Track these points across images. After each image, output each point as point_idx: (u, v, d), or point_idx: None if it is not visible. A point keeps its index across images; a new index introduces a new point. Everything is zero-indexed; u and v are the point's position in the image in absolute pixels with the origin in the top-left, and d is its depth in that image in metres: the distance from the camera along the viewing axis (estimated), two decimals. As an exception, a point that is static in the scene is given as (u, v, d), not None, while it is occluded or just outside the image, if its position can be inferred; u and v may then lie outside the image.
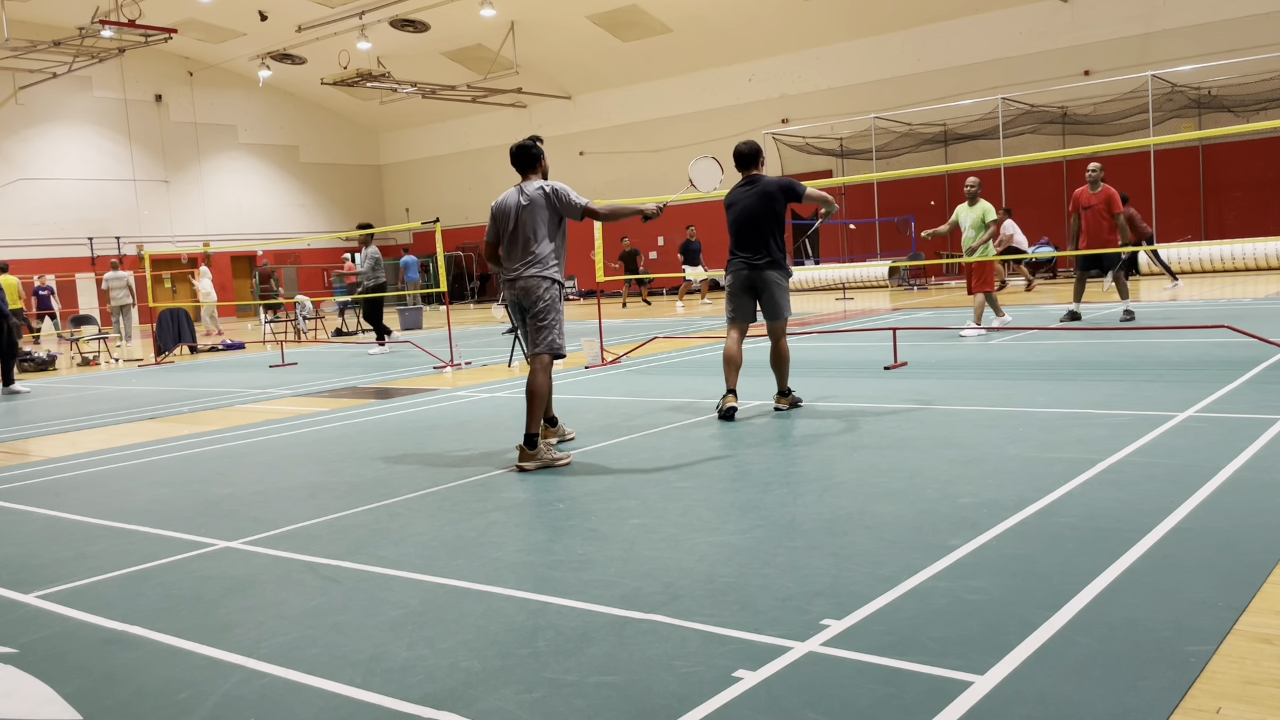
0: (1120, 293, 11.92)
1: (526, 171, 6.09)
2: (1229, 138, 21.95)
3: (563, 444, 6.34)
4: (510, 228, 5.96)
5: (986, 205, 11.15)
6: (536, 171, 6.09)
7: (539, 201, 5.91)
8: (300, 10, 29.56)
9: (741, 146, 7.19)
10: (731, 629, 3.03)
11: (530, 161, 6.08)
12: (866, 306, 18.47)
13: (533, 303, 5.91)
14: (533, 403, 5.77)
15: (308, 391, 10.69)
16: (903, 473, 4.91)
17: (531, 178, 6.06)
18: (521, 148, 6.10)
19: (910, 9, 26.89)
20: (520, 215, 5.93)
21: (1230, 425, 5.51)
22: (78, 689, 2.95)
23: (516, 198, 5.98)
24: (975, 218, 11.05)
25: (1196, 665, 2.59)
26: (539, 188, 5.95)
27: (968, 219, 11.11)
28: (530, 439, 5.70)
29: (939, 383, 7.96)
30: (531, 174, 6.08)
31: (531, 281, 5.88)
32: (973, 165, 11.57)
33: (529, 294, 5.90)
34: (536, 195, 5.92)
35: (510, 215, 5.97)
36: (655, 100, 33.34)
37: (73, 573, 4.18)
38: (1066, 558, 3.47)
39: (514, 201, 5.97)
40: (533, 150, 6.09)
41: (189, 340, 18.59)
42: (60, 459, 7.26)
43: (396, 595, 3.59)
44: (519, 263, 5.93)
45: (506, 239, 6.00)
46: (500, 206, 6.04)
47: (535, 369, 5.88)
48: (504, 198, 6.05)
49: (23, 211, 32.07)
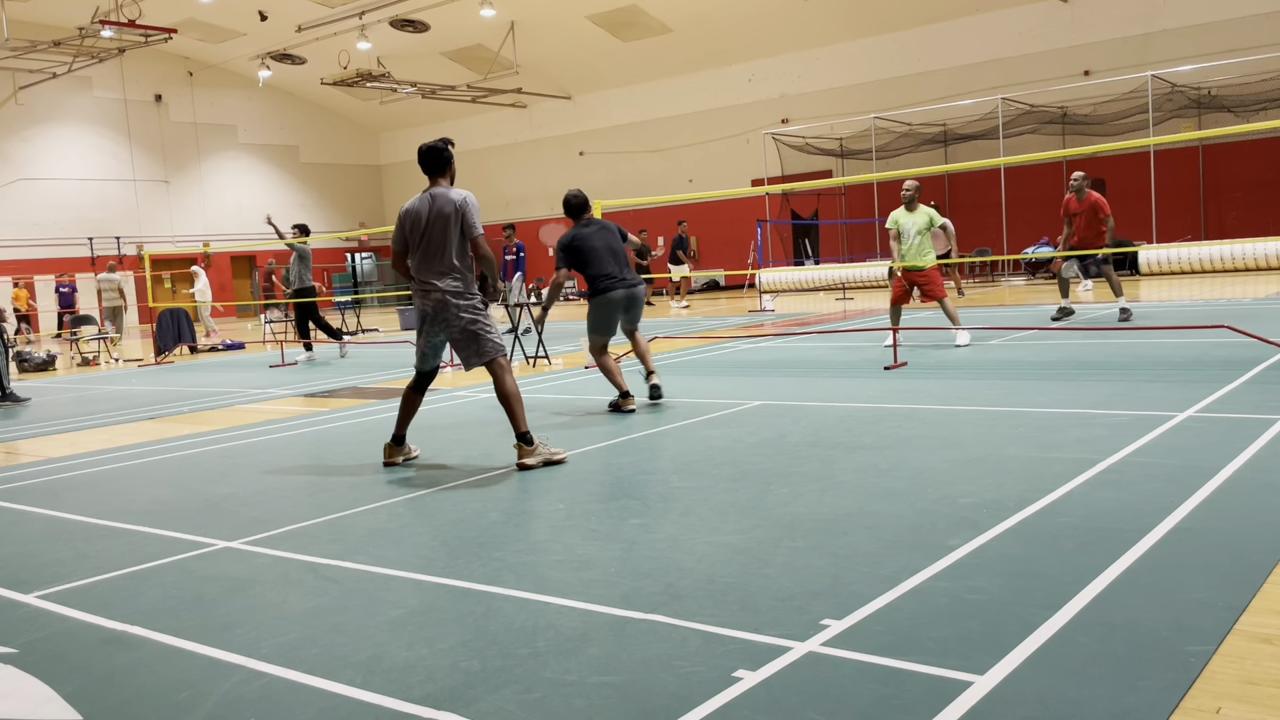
0: (1114, 290, 11.92)
1: (435, 175, 5.84)
2: (1229, 138, 21.94)
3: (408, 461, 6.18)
4: (419, 238, 5.77)
5: (930, 209, 10.46)
6: (445, 176, 5.87)
7: (447, 213, 5.71)
8: (300, 10, 29.56)
9: (575, 197, 7.78)
10: (731, 629, 3.03)
11: (441, 165, 5.85)
12: (866, 306, 18.46)
13: (453, 317, 5.75)
14: (511, 404, 5.71)
15: (308, 391, 10.69)
16: (903, 473, 4.91)
17: (440, 182, 5.85)
18: (433, 149, 5.83)
19: (910, 9, 26.89)
20: (429, 227, 5.73)
21: (1230, 425, 5.51)
22: (78, 689, 2.95)
23: (428, 204, 5.76)
24: (921, 223, 10.32)
25: (1196, 665, 2.59)
26: (449, 199, 5.73)
27: (911, 225, 10.33)
28: (523, 436, 5.68)
29: (939, 383, 7.96)
30: (440, 178, 5.86)
31: (449, 297, 5.73)
32: (973, 165, 11.55)
33: (445, 309, 5.74)
34: (446, 205, 5.72)
35: (421, 223, 5.76)
36: (655, 100, 33.34)
37: (73, 573, 4.18)
38: (1066, 558, 3.47)
39: (424, 210, 5.76)
40: (445, 153, 5.86)
41: (189, 340, 18.60)
42: (60, 459, 7.26)
43: (396, 595, 3.59)
44: (433, 275, 5.76)
45: (419, 250, 5.79)
46: (410, 213, 5.81)
47: (498, 374, 5.77)
48: (413, 204, 5.81)
49: (23, 211, 32.07)
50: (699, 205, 26.77)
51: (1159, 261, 21.31)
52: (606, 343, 7.77)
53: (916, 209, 10.44)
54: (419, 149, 5.90)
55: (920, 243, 10.36)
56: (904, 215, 10.44)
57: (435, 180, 5.85)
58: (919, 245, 10.36)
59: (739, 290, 28.77)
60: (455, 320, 5.77)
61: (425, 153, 5.85)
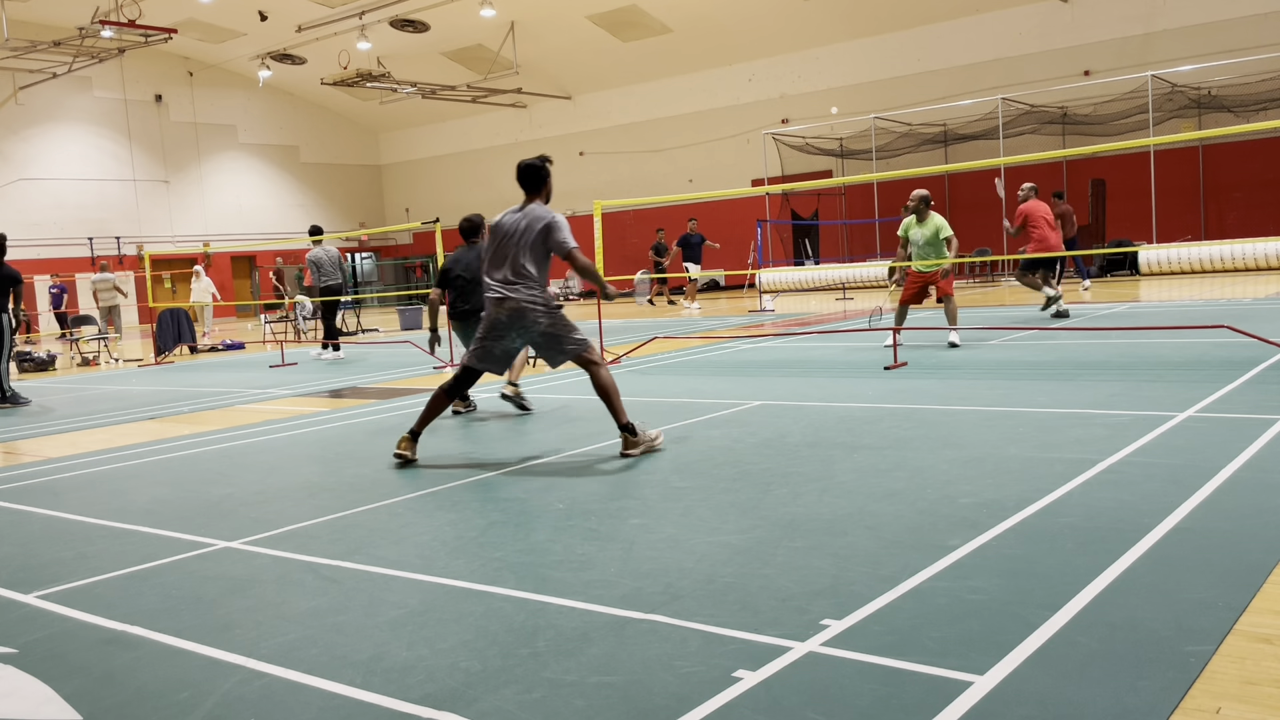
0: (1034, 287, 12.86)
1: (532, 192, 5.99)
2: (1229, 138, 21.94)
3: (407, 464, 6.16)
4: (498, 249, 5.93)
5: (940, 220, 10.39)
6: (541, 194, 6.01)
7: (537, 229, 5.86)
8: (300, 10, 29.56)
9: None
10: (731, 629, 3.03)
11: (539, 183, 5.99)
12: (866, 306, 18.46)
13: (531, 323, 5.87)
14: (609, 396, 5.82)
15: (308, 391, 10.69)
16: (903, 473, 4.91)
17: (535, 199, 5.99)
18: (531, 166, 5.99)
19: (910, 9, 26.89)
20: (514, 239, 5.88)
21: (1230, 425, 5.51)
22: (78, 689, 2.95)
23: (517, 221, 5.92)
24: (929, 234, 10.32)
25: (1196, 665, 2.59)
26: (539, 218, 5.88)
27: (919, 235, 10.38)
28: (626, 428, 5.79)
29: (939, 383, 7.95)
30: (536, 195, 6.00)
31: (525, 304, 5.85)
32: (973, 165, 11.53)
33: (523, 316, 5.86)
34: (536, 224, 5.87)
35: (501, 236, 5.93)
36: (655, 100, 33.35)
37: (73, 573, 4.18)
38: (1066, 558, 3.47)
39: (510, 224, 5.93)
40: (542, 171, 6.00)
41: (189, 340, 18.59)
42: (60, 459, 7.26)
43: (396, 595, 3.59)
44: (507, 284, 5.88)
45: (496, 259, 5.94)
46: (501, 226, 5.98)
47: (590, 370, 5.91)
48: (506, 217, 5.99)
49: (23, 211, 32.06)
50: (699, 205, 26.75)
51: (1159, 261, 21.31)
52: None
53: (926, 219, 10.42)
54: (519, 166, 6.03)
55: (930, 252, 10.42)
56: (914, 227, 10.49)
57: (531, 197, 6.00)
58: (928, 254, 10.43)
59: (739, 290, 28.77)
60: (534, 325, 5.90)
61: (524, 170, 6.00)
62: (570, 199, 35.45)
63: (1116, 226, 24.70)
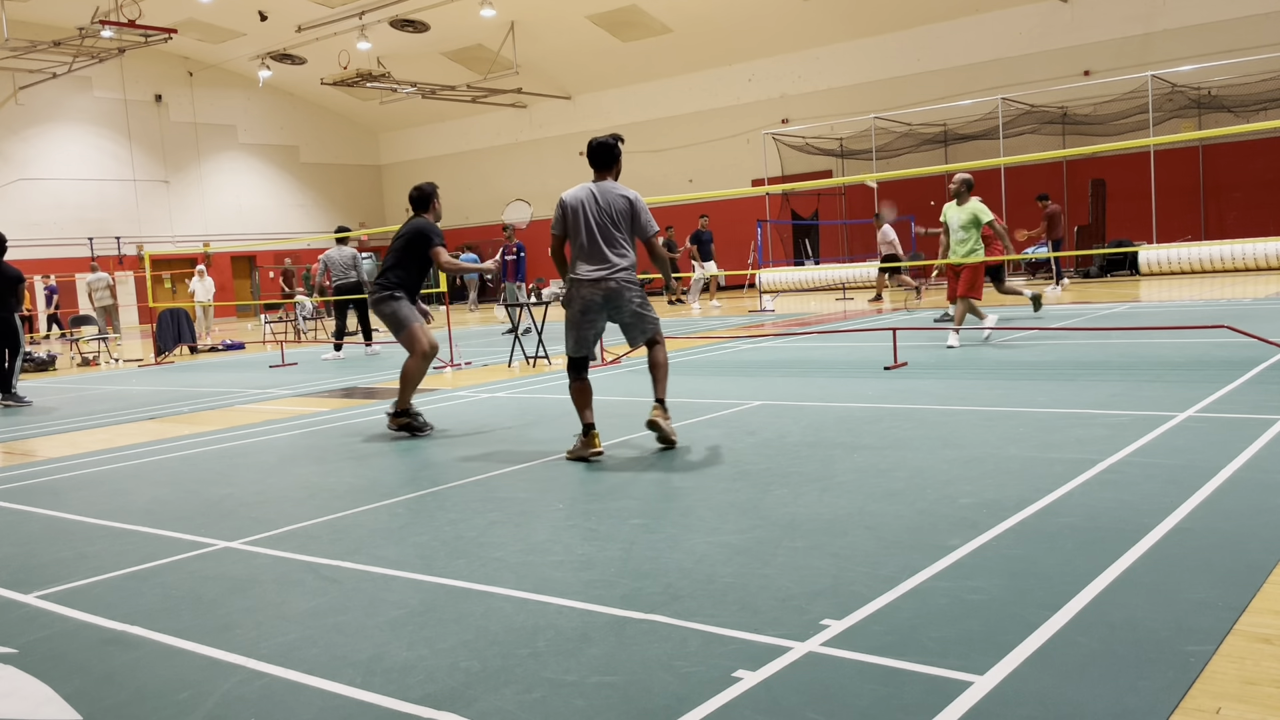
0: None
1: (603, 170, 6.01)
2: (1229, 138, 21.95)
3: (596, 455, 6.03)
4: (585, 229, 5.89)
5: (978, 204, 10.28)
6: (612, 171, 6.05)
7: (620, 208, 5.90)
8: (300, 10, 29.56)
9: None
10: (731, 629, 3.03)
11: (610, 160, 6.02)
12: (866, 306, 18.47)
13: (625, 302, 5.92)
14: (659, 372, 5.98)
15: (308, 391, 10.69)
16: (903, 473, 4.91)
17: (606, 176, 6.02)
18: (603, 144, 6.00)
19: (910, 9, 26.89)
20: (598, 218, 5.88)
21: (1230, 425, 5.51)
22: (78, 689, 2.95)
23: (593, 197, 5.90)
24: (965, 218, 10.24)
25: (1196, 665, 2.59)
26: (622, 195, 5.92)
27: (955, 219, 10.31)
28: (662, 401, 5.94)
29: (939, 383, 7.95)
30: (607, 173, 6.03)
31: (623, 285, 5.90)
32: (973, 165, 11.52)
33: (619, 295, 5.89)
34: (618, 201, 5.90)
35: (582, 216, 5.89)
36: (655, 100, 33.35)
37: (73, 573, 4.18)
38: (1066, 558, 3.47)
39: (589, 202, 5.90)
40: (614, 149, 6.04)
41: (189, 340, 18.59)
42: (60, 459, 7.26)
43: (396, 595, 3.59)
44: (605, 264, 5.88)
45: (584, 240, 5.90)
46: (572, 203, 5.92)
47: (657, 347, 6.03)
48: (576, 194, 5.94)
49: (23, 211, 32.06)
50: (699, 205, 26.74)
51: (1159, 261, 21.31)
52: None
53: (966, 203, 10.37)
54: (589, 143, 6.06)
55: (965, 238, 10.28)
56: (951, 209, 10.48)
57: (601, 174, 6.02)
58: (963, 240, 10.30)
59: (739, 290, 28.77)
60: (627, 305, 5.95)
61: (595, 148, 6.02)
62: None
63: (1116, 226, 24.71)
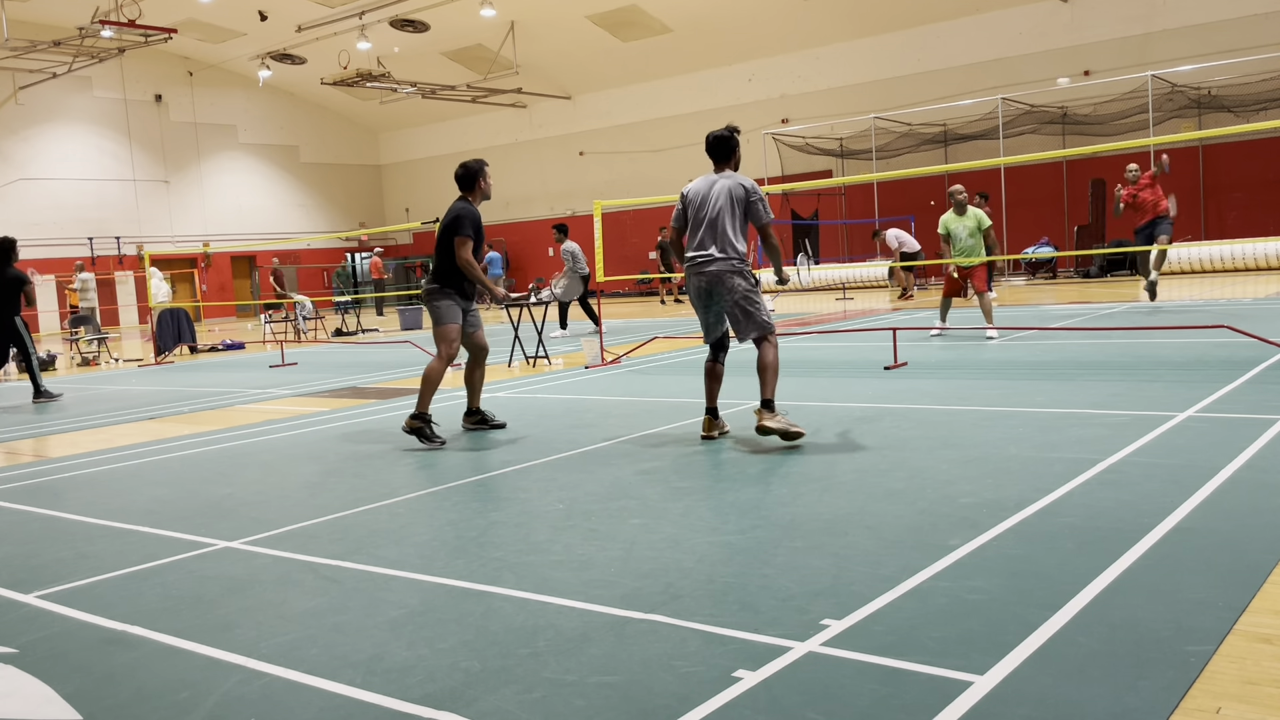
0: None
1: (721, 161, 6.19)
2: (1229, 138, 21.94)
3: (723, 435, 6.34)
4: (695, 218, 6.08)
5: (979, 212, 11.14)
6: (730, 162, 6.20)
7: (739, 195, 6.02)
8: (300, 10, 29.56)
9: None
10: (731, 629, 3.03)
11: (728, 152, 6.18)
12: (866, 306, 18.47)
13: (727, 290, 5.99)
14: (767, 374, 5.92)
15: (308, 391, 10.69)
16: (903, 473, 4.91)
17: (724, 168, 6.18)
18: (721, 138, 6.18)
19: (910, 9, 26.88)
20: (712, 208, 6.02)
21: (1230, 425, 5.51)
22: (78, 689, 2.95)
23: (711, 186, 6.08)
24: (971, 225, 11.04)
25: (1196, 665, 2.59)
26: (740, 184, 6.06)
27: (962, 228, 11.06)
28: (767, 403, 5.85)
29: (939, 383, 7.96)
30: (725, 164, 6.19)
31: (726, 272, 5.98)
32: (973, 165, 11.59)
33: (720, 282, 5.99)
34: (736, 189, 6.03)
35: (696, 205, 6.08)
36: (655, 100, 33.33)
37: (73, 573, 4.18)
38: (1066, 558, 3.47)
39: (705, 192, 6.08)
40: (731, 141, 6.19)
41: (189, 340, 18.59)
42: (60, 459, 7.26)
43: (396, 595, 3.59)
44: (709, 251, 6.02)
45: (694, 229, 6.09)
46: (694, 193, 6.13)
47: (766, 346, 5.99)
48: (698, 185, 6.14)
49: (23, 211, 32.05)
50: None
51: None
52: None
53: (966, 213, 11.08)
54: (707, 137, 6.25)
55: (974, 244, 11.03)
56: (954, 220, 11.12)
57: (720, 166, 6.21)
58: (972, 246, 11.02)
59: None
60: (730, 294, 6.01)
61: (714, 141, 6.19)
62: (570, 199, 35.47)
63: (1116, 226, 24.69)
